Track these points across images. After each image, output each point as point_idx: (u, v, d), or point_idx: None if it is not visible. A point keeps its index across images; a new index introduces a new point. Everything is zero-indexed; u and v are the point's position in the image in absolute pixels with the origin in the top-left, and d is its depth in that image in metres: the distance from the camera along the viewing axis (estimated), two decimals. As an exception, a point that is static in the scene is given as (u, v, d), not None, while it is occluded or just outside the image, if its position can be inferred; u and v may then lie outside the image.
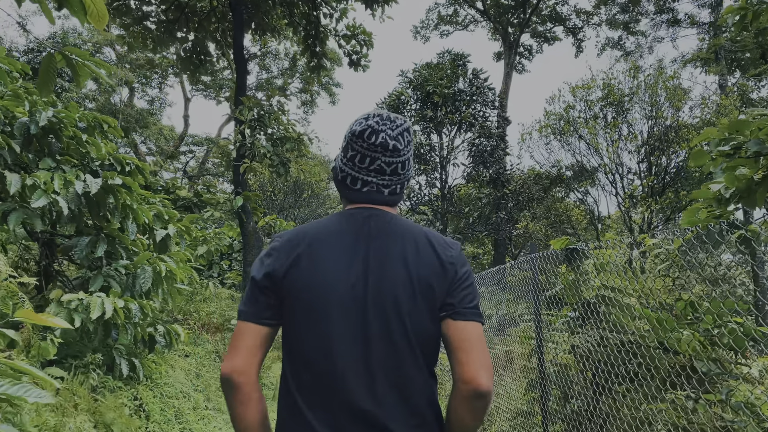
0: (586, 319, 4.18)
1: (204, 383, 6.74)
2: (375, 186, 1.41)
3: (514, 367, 6.71)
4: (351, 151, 1.41)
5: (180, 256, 5.05)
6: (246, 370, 1.27)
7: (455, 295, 1.33)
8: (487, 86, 16.68)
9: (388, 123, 1.41)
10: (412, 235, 1.37)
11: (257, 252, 9.74)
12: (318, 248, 1.33)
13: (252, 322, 1.31)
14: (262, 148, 9.52)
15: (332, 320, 1.27)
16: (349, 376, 1.26)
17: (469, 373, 1.24)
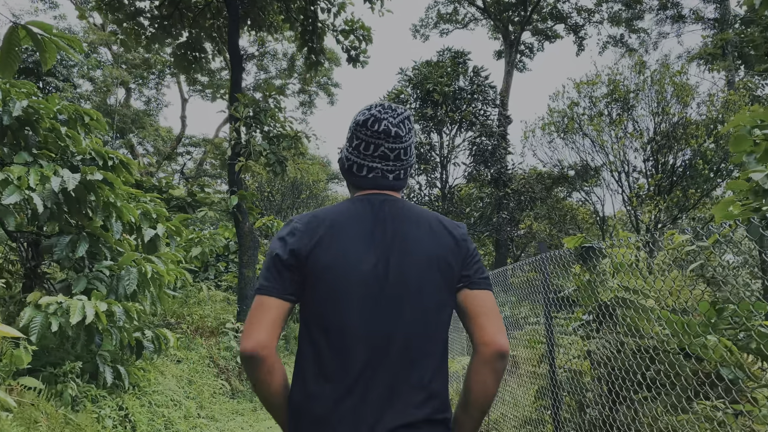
0: (602, 322, 3.90)
1: (196, 390, 6.45)
2: (380, 171, 1.49)
3: (519, 372, 6.43)
4: (356, 140, 1.50)
5: (169, 257, 4.77)
6: (269, 344, 1.30)
7: (469, 267, 1.44)
8: (488, 84, 16.42)
9: (390, 111, 1.49)
10: (425, 217, 1.47)
11: (253, 253, 9.46)
12: (339, 230, 1.39)
13: (276, 297, 1.34)
14: (257, 146, 9.23)
15: (354, 298, 1.34)
16: (368, 351, 1.32)
17: (490, 335, 1.34)
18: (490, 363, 1.34)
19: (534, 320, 8.02)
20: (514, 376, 6.42)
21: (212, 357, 7.73)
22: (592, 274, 3.54)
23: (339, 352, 1.33)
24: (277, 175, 9.64)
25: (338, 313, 1.34)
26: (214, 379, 7.25)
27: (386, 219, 1.43)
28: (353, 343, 1.33)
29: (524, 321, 7.49)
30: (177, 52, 11.54)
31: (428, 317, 1.38)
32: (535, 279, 6.20)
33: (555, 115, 12.85)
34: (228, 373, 7.78)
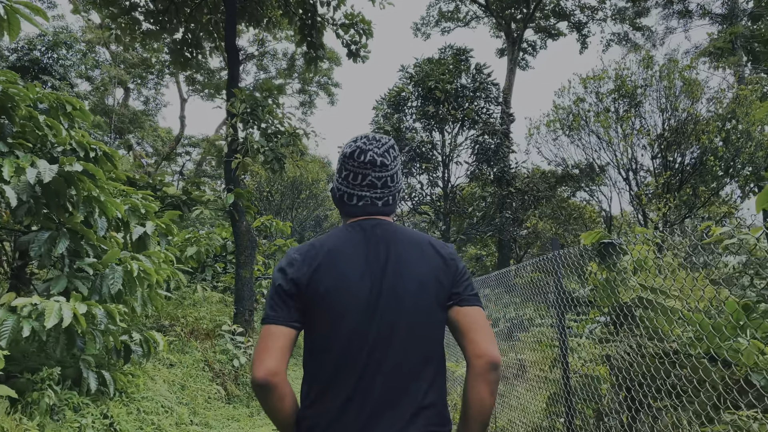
0: (621, 324, 3.62)
1: (190, 395, 6.17)
2: (369, 199, 1.57)
3: (527, 376, 6.15)
4: (344, 171, 1.57)
5: (158, 255, 4.49)
6: (279, 371, 1.37)
7: (459, 285, 1.51)
8: (491, 81, 16.13)
9: (374, 142, 1.57)
10: (416, 240, 1.55)
11: (251, 253, 9.18)
12: (335, 257, 1.47)
13: (282, 325, 1.41)
14: (255, 143, 8.97)
15: (352, 321, 1.41)
16: (364, 370, 1.39)
17: (482, 348, 1.40)
18: (483, 375, 1.40)
19: (540, 322, 7.74)
20: (522, 380, 6.13)
21: (207, 361, 7.45)
22: (612, 272, 3.27)
23: (337, 373, 1.41)
24: (275, 173, 9.36)
25: (336, 336, 1.42)
26: (209, 384, 6.97)
27: (379, 242, 1.51)
28: (350, 363, 1.41)
29: (529, 323, 7.21)
30: (173, 48, 11.29)
31: (422, 334, 1.45)
32: (540, 279, 5.94)
33: (560, 112, 12.55)
34: (224, 377, 7.50)
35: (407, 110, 16.89)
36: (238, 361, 7.83)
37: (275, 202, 18.30)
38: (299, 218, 18.87)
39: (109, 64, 26.31)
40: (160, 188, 8.44)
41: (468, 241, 18.15)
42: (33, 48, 19.38)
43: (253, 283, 9.83)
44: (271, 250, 12.29)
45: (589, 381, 3.96)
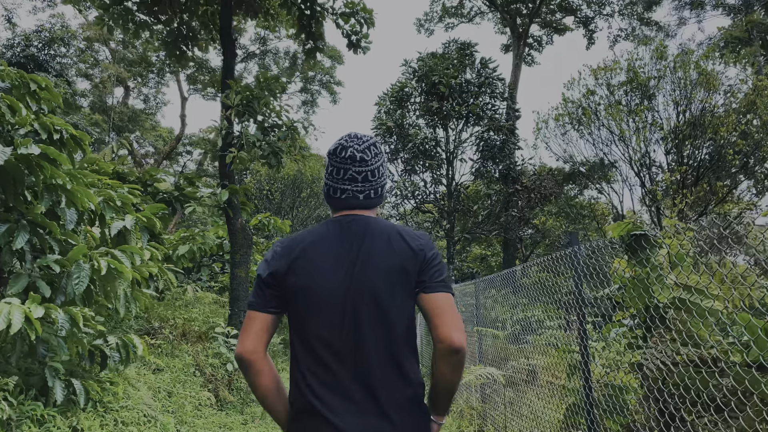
0: (654, 328, 3.18)
1: (177, 403, 5.74)
2: (351, 192, 1.70)
3: (539, 382, 5.70)
4: (330, 166, 1.72)
5: (136, 251, 4.08)
6: (255, 349, 1.57)
7: (425, 273, 1.61)
8: (497, 76, 15.69)
9: (356, 140, 1.72)
10: (386, 231, 1.66)
11: (246, 251, 8.76)
12: (310, 251, 1.62)
13: (259, 311, 1.61)
14: (251, 137, 8.55)
15: (324, 311, 1.58)
16: (342, 351, 1.56)
17: (444, 333, 1.51)
18: (444, 357, 1.52)
19: (550, 324, 7.30)
20: (533, 387, 5.69)
21: (198, 365, 7.03)
22: (644, 268, 2.84)
23: (315, 356, 1.57)
24: (272, 168, 8.94)
25: (312, 323, 1.58)
26: (200, 390, 6.55)
27: (353, 237, 1.63)
28: (326, 347, 1.56)
29: (538, 324, 6.78)
30: (168, 40, 10.88)
31: (388, 319, 1.56)
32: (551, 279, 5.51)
33: (569, 105, 12.07)
34: (216, 382, 7.08)
35: (410, 106, 16.46)
36: (231, 365, 7.41)
37: (275, 200, 17.88)
38: (300, 217, 18.44)
39: (108, 62, 25.97)
40: (151, 183, 8.03)
41: (472, 240, 17.71)
42: (29, 44, 19.05)
43: (249, 282, 9.43)
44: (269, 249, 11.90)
45: (615, 392, 3.52)
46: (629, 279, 3.05)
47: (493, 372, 4.94)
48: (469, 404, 6.89)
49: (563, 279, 4.45)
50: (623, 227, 2.93)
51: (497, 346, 5.99)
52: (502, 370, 6.14)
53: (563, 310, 4.77)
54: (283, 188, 18.07)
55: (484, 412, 6.43)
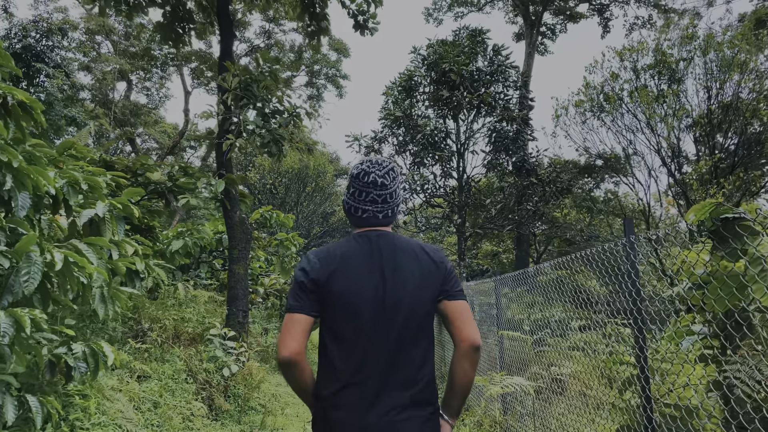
0: (741, 338, 2.52)
1: (163, 415, 5.12)
2: (371, 213, 1.96)
3: (569, 393, 5.04)
4: (352, 188, 1.97)
5: (104, 243, 3.45)
6: (299, 350, 1.78)
7: (447, 283, 1.89)
8: (510, 64, 14.97)
9: (377, 166, 1.96)
10: (411, 247, 1.93)
11: (245, 246, 8.14)
12: (347, 264, 1.85)
13: (302, 314, 1.80)
14: (249, 123, 7.92)
15: (362, 314, 1.80)
16: (372, 351, 1.78)
17: (465, 333, 1.81)
18: (467, 354, 1.80)
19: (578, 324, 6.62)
20: (563, 398, 5.02)
21: (191, 370, 6.42)
22: (738, 262, 2.18)
23: (347, 355, 1.81)
24: (273, 157, 8.31)
25: (348, 326, 1.82)
26: (192, 398, 5.94)
27: (382, 250, 1.89)
28: (358, 347, 1.80)
29: (558, 325, 6.13)
30: (163, 22, 10.27)
31: (416, 324, 1.83)
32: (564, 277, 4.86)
33: (592, 91, 11.32)
34: (210, 389, 6.47)
35: (419, 96, 15.77)
36: (228, 370, 6.79)
37: (280, 195, 17.25)
38: (305, 213, 17.81)
39: (110, 55, 25.41)
40: (142, 173, 7.41)
41: (484, 236, 17.01)
42: (26, 35, 18.50)
43: (248, 280, 8.81)
44: (272, 244, 11.25)
45: (683, 414, 2.86)
46: (711, 276, 2.40)
47: (520, 382, 4.30)
48: (488, 415, 6.24)
49: (610, 277, 3.78)
50: (707, 209, 2.27)
51: (524, 352, 5.34)
52: (526, 377, 5.48)
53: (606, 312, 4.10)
54: (288, 182, 17.43)
55: (507, 424, 5.77)
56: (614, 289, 3.45)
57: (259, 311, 13.42)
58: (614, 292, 3.49)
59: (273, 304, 14.01)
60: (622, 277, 3.11)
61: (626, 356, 3.20)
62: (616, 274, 3.26)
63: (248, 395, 7.05)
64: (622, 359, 3.23)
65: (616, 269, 3.31)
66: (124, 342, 5.83)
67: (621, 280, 3.14)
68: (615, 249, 3.27)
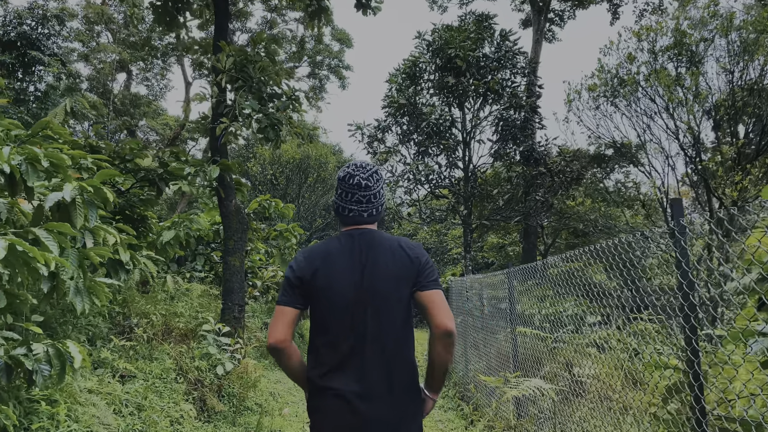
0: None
1: (147, 419, 4.69)
2: (357, 212, 2.16)
3: (592, 396, 4.58)
4: (339, 189, 2.20)
5: (66, 229, 3.01)
6: (285, 338, 2.01)
7: (421, 276, 2.07)
8: (518, 50, 14.44)
9: (361, 169, 2.16)
10: (389, 244, 2.12)
11: (241, 237, 7.70)
12: (330, 260, 2.08)
13: (289, 306, 2.04)
14: (245, 106, 7.46)
15: (343, 307, 2.03)
16: (353, 338, 2.01)
17: (439, 320, 1.98)
18: (440, 339, 1.97)
19: (594, 320, 6.17)
20: (585, 401, 4.57)
21: (181, 368, 5.99)
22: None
23: (331, 343, 2.04)
24: (270, 142, 7.84)
25: (331, 318, 2.04)
26: (181, 399, 5.51)
27: (362, 248, 2.10)
28: (341, 336, 2.02)
29: (570, 320, 5.67)
30: (157, 3, 9.79)
31: (393, 313, 2.04)
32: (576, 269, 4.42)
33: (606, 75, 10.77)
34: (203, 389, 6.04)
35: (423, 84, 15.26)
36: (222, 368, 6.36)
37: (281, 186, 16.80)
38: (307, 204, 17.35)
39: (110, 44, 24.93)
40: (131, 159, 6.95)
41: (490, 227, 16.54)
42: (22, 22, 18.04)
43: (245, 272, 8.38)
44: (271, 235, 10.81)
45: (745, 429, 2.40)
46: None
47: (539, 384, 3.85)
48: (501, 417, 5.80)
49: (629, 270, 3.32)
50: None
51: (540, 350, 4.87)
52: (540, 376, 5.03)
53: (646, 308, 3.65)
54: (289, 173, 16.97)
55: (521, 428, 5.33)
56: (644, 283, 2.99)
57: (259, 305, 13.01)
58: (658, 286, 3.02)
59: (274, 298, 13.61)
60: (665, 267, 2.64)
61: (672, 359, 2.74)
62: (660, 263, 2.78)
63: (244, 395, 6.62)
64: (666, 362, 2.76)
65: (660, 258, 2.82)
66: (108, 339, 5.40)
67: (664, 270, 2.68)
68: (659, 235, 2.81)
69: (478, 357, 8.00)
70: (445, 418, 7.34)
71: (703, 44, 9.30)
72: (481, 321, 7.79)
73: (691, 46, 9.36)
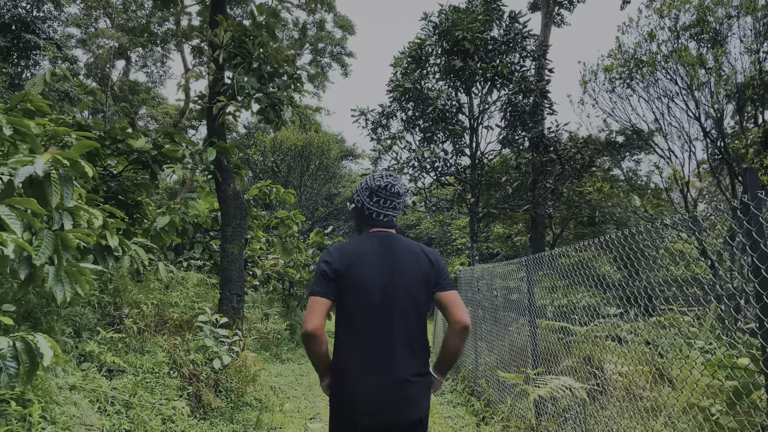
0: None
1: (134, 418, 4.30)
2: (390, 217, 2.49)
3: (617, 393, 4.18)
4: (376, 197, 2.46)
5: (33, 206, 2.60)
6: (320, 326, 2.24)
7: (440, 278, 2.40)
8: (528, 32, 13.93)
9: (396, 179, 2.50)
10: (413, 248, 2.43)
11: (240, 223, 7.29)
12: (363, 259, 2.32)
13: (324, 297, 2.25)
14: (244, 84, 7.03)
15: (371, 301, 2.28)
16: (378, 330, 2.27)
17: (457, 316, 2.32)
18: (459, 333, 2.31)
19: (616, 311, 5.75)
20: (610, 398, 4.17)
21: (175, 362, 5.60)
22: None
23: (359, 335, 2.28)
24: (270, 124, 7.42)
25: (360, 313, 2.28)
26: (175, 395, 5.13)
27: (389, 250, 2.37)
28: (368, 328, 2.28)
29: (584, 311, 5.27)
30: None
31: (415, 312, 2.34)
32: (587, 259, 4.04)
33: (623, 55, 10.27)
34: (198, 384, 5.65)
35: (429, 68, 14.77)
36: (219, 361, 5.98)
37: (282, 173, 16.36)
38: (309, 192, 16.92)
39: (108, 29, 24.41)
40: (122, 139, 6.53)
41: (498, 216, 16.10)
42: (16, 4, 17.55)
43: (244, 261, 7.98)
44: (272, 223, 10.40)
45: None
46: None
47: (569, 384, 3.45)
48: (517, 414, 5.40)
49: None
50: None
51: (566, 345, 4.47)
52: (558, 372, 4.63)
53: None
54: (290, 161, 16.53)
55: (540, 427, 4.93)
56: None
57: (259, 295, 12.63)
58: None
59: (275, 288, 13.22)
60: (731, 250, 2.22)
61: (741, 359, 2.33)
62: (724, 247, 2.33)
63: (242, 389, 6.25)
64: (735, 363, 2.35)
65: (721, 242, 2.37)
66: (95, 331, 5.01)
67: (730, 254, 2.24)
68: (724, 212, 2.38)
69: (488, 350, 7.60)
70: (454, 414, 6.95)
71: (727, 22, 8.80)
72: (492, 313, 7.39)
73: (714, 24, 8.87)
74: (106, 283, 6.30)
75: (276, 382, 8.01)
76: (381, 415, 2.24)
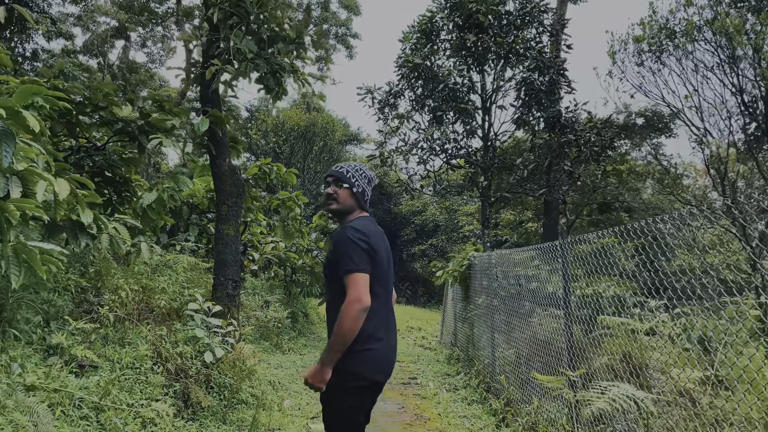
0: None
1: (106, 423, 3.66)
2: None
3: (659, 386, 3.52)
4: (369, 186, 2.83)
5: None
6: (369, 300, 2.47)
7: None
8: (545, 5, 13.13)
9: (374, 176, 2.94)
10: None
11: (236, 202, 6.62)
12: (378, 237, 2.63)
13: (368, 273, 2.47)
14: (242, 46, 6.31)
15: (386, 275, 2.65)
16: (388, 305, 2.71)
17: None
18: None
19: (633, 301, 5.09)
20: (669, 407, 3.51)
21: (160, 355, 4.95)
22: None
23: (379, 304, 2.57)
24: (270, 93, 6.73)
25: (381, 283, 2.60)
26: (159, 394, 4.49)
27: (382, 233, 2.75)
28: (384, 298, 2.64)
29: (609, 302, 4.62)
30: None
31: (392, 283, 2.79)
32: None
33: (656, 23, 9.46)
34: (187, 380, 5.00)
35: (440, 44, 14.00)
36: (211, 354, 5.32)
37: (284, 154, 15.66)
38: (311, 173, 16.22)
39: (106, 5, 23.61)
40: (104, 106, 5.83)
41: (510, 201, 15.39)
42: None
43: (243, 245, 7.32)
44: (273, 204, 9.72)
45: None
46: None
47: (631, 393, 2.78)
48: (545, 418, 4.75)
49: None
50: None
51: (617, 344, 3.80)
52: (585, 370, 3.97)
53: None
54: (293, 141, 15.82)
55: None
56: None
57: (259, 281, 12.00)
58: None
59: (276, 274, 12.57)
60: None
61: None
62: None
63: (237, 386, 5.60)
64: None
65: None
66: (64, 320, 4.36)
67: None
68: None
69: (506, 343, 6.96)
70: (469, 412, 6.32)
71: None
72: (513, 303, 6.72)
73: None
74: (87, 266, 5.66)
75: (276, 375, 7.39)
76: (388, 375, 2.63)
